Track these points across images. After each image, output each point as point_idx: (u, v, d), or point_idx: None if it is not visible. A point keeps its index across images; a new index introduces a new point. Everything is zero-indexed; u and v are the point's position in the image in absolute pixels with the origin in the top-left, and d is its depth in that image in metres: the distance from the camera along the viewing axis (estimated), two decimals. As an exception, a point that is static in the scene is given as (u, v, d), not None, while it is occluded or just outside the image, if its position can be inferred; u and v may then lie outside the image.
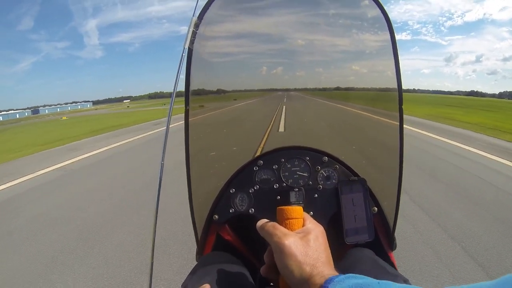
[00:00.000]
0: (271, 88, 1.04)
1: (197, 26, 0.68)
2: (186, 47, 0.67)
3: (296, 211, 0.50)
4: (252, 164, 0.73)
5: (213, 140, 1.05)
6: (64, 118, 27.63)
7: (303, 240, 0.44)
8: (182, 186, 0.78)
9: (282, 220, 0.50)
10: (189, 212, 0.76)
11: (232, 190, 0.72)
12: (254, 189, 0.72)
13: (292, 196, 0.68)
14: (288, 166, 0.73)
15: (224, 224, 0.73)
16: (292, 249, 0.41)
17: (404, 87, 0.70)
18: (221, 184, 0.74)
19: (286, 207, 0.51)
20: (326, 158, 0.73)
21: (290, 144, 0.76)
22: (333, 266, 0.43)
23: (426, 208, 2.83)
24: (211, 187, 0.76)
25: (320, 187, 0.71)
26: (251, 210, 0.71)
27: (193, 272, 0.61)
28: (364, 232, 0.68)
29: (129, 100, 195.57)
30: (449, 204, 2.94)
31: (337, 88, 0.92)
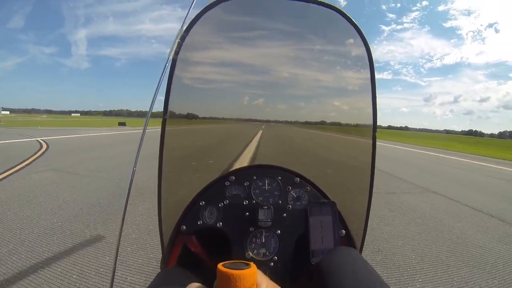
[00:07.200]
0: (250, 118, 0.99)
1: (183, 38, 0.66)
2: (171, 57, 0.66)
3: (246, 277, 0.33)
4: (224, 179, 0.73)
5: (187, 148, 1.01)
6: None
7: None
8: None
9: None
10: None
11: (202, 203, 0.71)
12: (223, 203, 0.72)
13: (261, 214, 0.68)
14: (259, 183, 0.74)
15: (192, 235, 0.72)
16: None
17: (383, 124, 0.73)
18: (192, 195, 0.73)
19: (232, 271, 0.33)
20: (298, 179, 0.74)
21: (263, 163, 0.77)
22: None
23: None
24: (181, 198, 0.75)
25: (289, 207, 0.72)
26: (219, 224, 0.70)
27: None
28: None
29: (78, 114, 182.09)
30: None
31: (322, 123, 0.91)
